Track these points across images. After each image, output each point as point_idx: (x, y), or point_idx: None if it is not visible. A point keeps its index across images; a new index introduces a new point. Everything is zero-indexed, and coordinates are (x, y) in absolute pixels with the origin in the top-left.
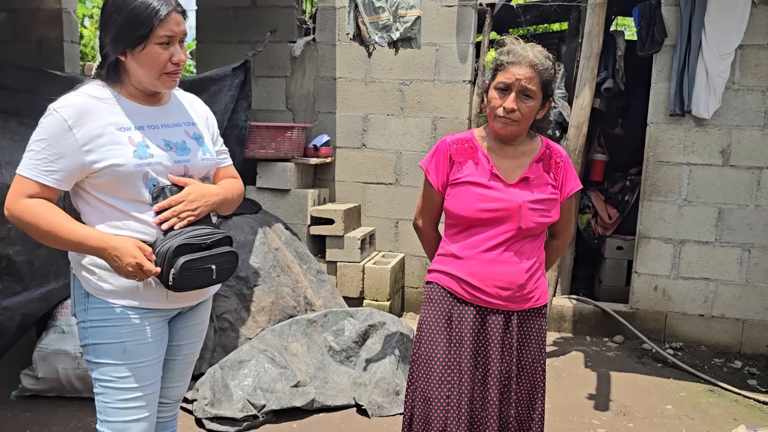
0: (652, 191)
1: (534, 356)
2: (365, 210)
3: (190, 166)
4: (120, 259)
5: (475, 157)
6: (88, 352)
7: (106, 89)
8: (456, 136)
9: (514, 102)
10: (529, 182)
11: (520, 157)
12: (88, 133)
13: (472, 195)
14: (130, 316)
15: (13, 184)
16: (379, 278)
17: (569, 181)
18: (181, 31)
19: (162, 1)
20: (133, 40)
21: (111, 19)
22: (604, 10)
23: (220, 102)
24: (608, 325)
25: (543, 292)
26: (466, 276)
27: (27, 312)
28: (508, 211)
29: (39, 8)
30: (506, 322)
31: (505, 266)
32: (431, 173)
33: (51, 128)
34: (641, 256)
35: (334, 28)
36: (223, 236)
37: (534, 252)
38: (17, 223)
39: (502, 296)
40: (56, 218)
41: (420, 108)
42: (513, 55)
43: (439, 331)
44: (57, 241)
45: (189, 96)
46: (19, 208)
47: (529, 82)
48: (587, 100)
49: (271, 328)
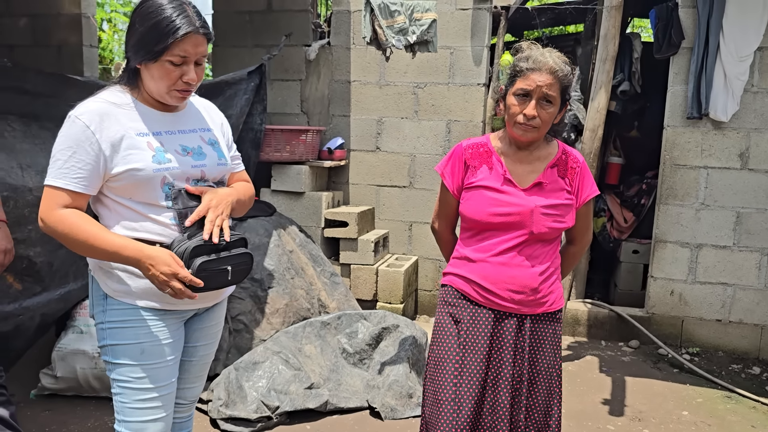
0: (669, 195)
1: (549, 361)
2: (379, 213)
3: (207, 170)
4: (154, 267)
5: (490, 162)
6: (106, 352)
7: (125, 95)
8: (471, 141)
9: (534, 109)
10: (543, 187)
11: (535, 162)
12: (109, 138)
13: (485, 199)
14: (148, 318)
15: (45, 196)
16: (392, 281)
17: (586, 187)
18: (198, 52)
19: (185, 20)
20: (149, 54)
21: (134, 27)
22: (620, 12)
23: (235, 105)
24: (624, 330)
25: (558, 296)
26: (479, 279)
27: (46, 312)
28: (520, 216)
29: (59, 13)
30: (519, 325)
31: (518, 270)
32: (447, 177)
33: (75, 136)
34: (657, 260)
35: (349, 31)
36: (239, 238)
37: (548, 256)
38: (53, 234)
39: (515, 299)
40: (92, 228)
41: (434, 111)
42: (533, 62)
43: (452, 334)
44: (93, 250)
45: (204, 102)
46: (54, 220)
47: (549, 89)
48: (603, 103)
49: (284, 330)
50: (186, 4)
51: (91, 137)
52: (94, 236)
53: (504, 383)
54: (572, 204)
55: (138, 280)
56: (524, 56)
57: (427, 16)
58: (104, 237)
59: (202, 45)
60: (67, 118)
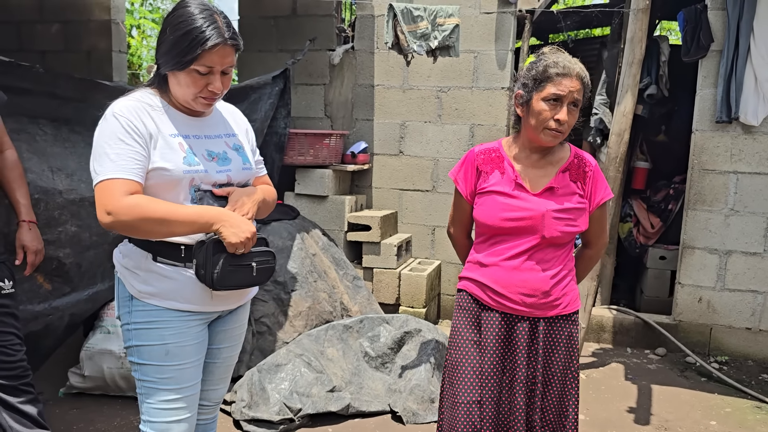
0: (697, 200)
1: (563, 364)
2: (402, 217)
3: (232, 175)
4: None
5: (501, 167)
6: (132, 353)
7: (156, 97)
8: (484, 146)
9: (566, 113)
10: (554, 192)
11: (547, 166)
12: (147, 133)
13: (496, 204)
14: (173, 319)
15: (104, 190)
16: (415, 285)
17: (599, 191)
18: (225, 63)
19: (215, 31)
20: (177, 64)
21: (165, 34)
22: (647, 15)
23: (260, 110)
24: (650, 337)
25: (572, 299)
26: (491, 283)
27: (75, 312)
28: (532, 220)
29: (89, 19)
30: (532, 329)
31: (529, 274)
32: (460, 183)
33: (120, 129)
34: (685, 267)
35: (373, 36)
36: (260, 237)
37: (560, 260)
38: (125, 226)
39: (527, 303)
40: (163, 205)
41: (458, 115)
42: (563, 67)
43: (467, 338)
44: (172, 225)
45: (230, 107)
46: (125, 207)
47: (578, 94)
48: (629, 107)
49: (307, 333)
50: (217, 14)
51: (135, 130)
52: (169, 212)
53: (519, 386)
54: (585, 208)
55: (163, 281)
56: (553, 61)
57: (450, 21)
58: (178, 210)
59: (229, 56)
60: (103, 117)
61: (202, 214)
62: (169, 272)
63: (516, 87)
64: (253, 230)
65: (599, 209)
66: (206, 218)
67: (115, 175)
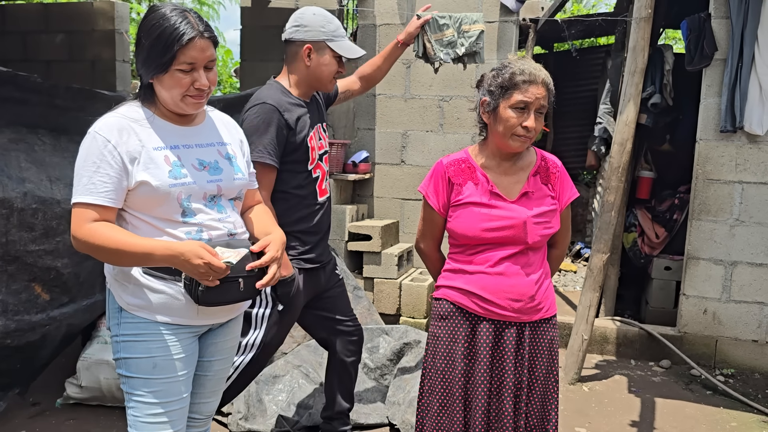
0: (702, 210)
1: (546, 368)
2: (403, 226)
3: (223, 185)
4: (189, 262)
5: (474, 177)
6: (120, 366)
7: (142, 110)
8: (452, 158)
9: (533, 120)
10: (530, 196)
11: (518, 172)
12: (128, 151)
13: (474, 216)
14: (161, 332)
15: (74, 214)
16: (416, 295)
17: (566, 190)
18: (205, 57)
19: (188, 26)
20: (159, 67)
21: (141, 43)
22: (649, 24)
23: None
24: (654, 349)
25: (551, 302)
26: (478, 290)
27: (73, 323)
28: (514, 229)
29: (93, 29)
30: (519, 334)
31: (515, 278)
32: (431, 197)
33: (97, 150)
34: (690, 278)
35: (375, 45)
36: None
37: (539, 263)
38: (86, 250)
39: (514, 308)
40: (122, 236)
41: (459, 124)
42: (529, 75)
43: (453, 348)
44: (126, 257)
45: (224, 117)
46: (85, 234)
47: (544, 100)
48: (631, 116)
49: (306, 344)
50: (187, 11)
51: (112, 151)
52: (124, 243)
53: (507, 391)
54: (557, 209)
55: (152, 294)
56: (519, 69)
57: (475, 28)
58: (134, 242)
59: (208, 49)
60: (87, 134)
61: (156, 249)
62: (158, 285)
63: (481, 94)
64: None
65: (566, 209)
66: (160, 253)
67: (84, 199)
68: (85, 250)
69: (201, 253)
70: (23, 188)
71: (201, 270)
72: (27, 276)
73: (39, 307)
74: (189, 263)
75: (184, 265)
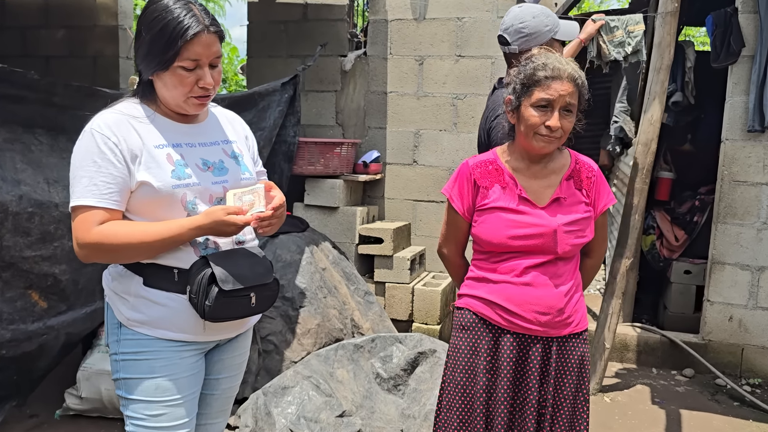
0: (727, 213)
1: (575, 386)
2: (415, 229)
3: (229, 186)
4: (223, 233)
5: (502, 180)
6: (120, 386)
7: (142, 107)
8: (478, 159)
9: (558, 119)
10: (561, 202)
11: (550, 176)
12: (129, 149)
13: (501, 221)
14: (164, 349)
15: (76, 220)
16: (429, 301)
17: (602, 196)
18: (211, 53)
19: (193, 20)
20: (160, 63)
21: (141, 36)
22: (675, 19)
23: (268, 118)
24: (677, 357)
25: (582, 316)
26: (502, 301)
27: (72, 331)
28: (543, 237)
29: (95, 25)
30: (545, 349)
31: (543, 290)
32: (455, 200)
33: (97, 148)
34: (714, 284)
35: (386, 41)
36: (265, 259)
37: (570, 274)
38: (99, 256)
39: (541, 321)
40: (140, 228)
41: (474, 123)
42: (552, 69)
43: (475, 361)
44: (151, 247)
45: (228, 113)
46: (95, 239)
47: (571, 97)
48: (657, 115)
49: (316, 353)
50: (192, 3)
51: (114, 148)
52: (145, 233)
53: (530, 409)
54: (591, 216)
55: (154, 308)
56: (541, 63)
57: (638, 28)
58: (155, 230)
59: (214, 45)
60: (83, 132)
61: (182, 230)
62: (161, 298)
63: (506, 92)
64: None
65: (602, 216)
66: (187, 234)
67: (86, 202)
68: (100, 257)
69: (229, 220)
70: (18, 191)
71: (236, 233)
72: (23, 283)
73: (36, 316)
74: (221, 233)
75: (216, 234)
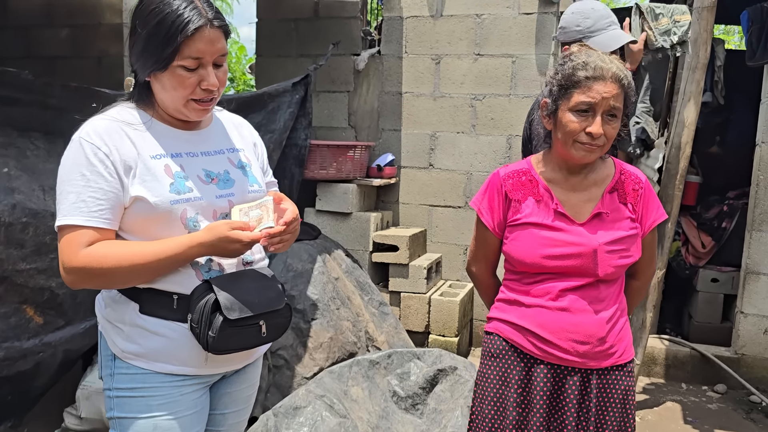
0: (763, 220)
1: (618, 424)
2: (431, 235)
3: (235, 200)
4: (226, 250)
5: (536, 192)
6: (114, 426)
7: (138, 112)
8: (510, 168)
9: (601, 125)
10: (603, 218)
11: (591, 188)
12: (122, 160)
13: (534, 239)
14: (162, 385)
15: (62, 241)
16: (446, 312)
17: (651, 211)
18: (215, 50)
19: (195, 12)
20: (157, 63)
21: (135, 32)
22: (713, 14)
23: (278, 120)
24: (707, 372)
25: (627, 345)
26: (535, 327)
27: (70, 348)
28: (581, 257)
29: (100, 23)
30: (583, 382)
31: (581, 316)
32: (484, 214)
33: (86, 160)
34: (748, 295)
35: (401, 39)
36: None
37: (614, 298)
38: (88, 280)
39: (579, 351)
40: (131, 248)
41: (493, 125)
42: (594, 69)
43: (505, 393)
44: (147, 270)
45: (235, 118)
46: (82, 261)
47: (615, 100)
48: (692, 117)
49: (329, 370)
50: None
51: (104, 159)
52: (141, 255)
53: None
54: (638, 233)
55: (151, 338)
56: (582, 62)
57: (685, 18)
58: (153, 251)
59: (218, 41)
60: (71, 141)
61: (181, 249)
62: (159, 327)
63: (542, 94)
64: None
65: (651, 233)
66: (187, 253)
67: (73, 221)
68: (89, 282)
69: (234, 236)
70: (12, 200)
71: (243, 252)
72: (17, 298)
73: (31, 332)
74: (225, 251)
75: (219, 253)
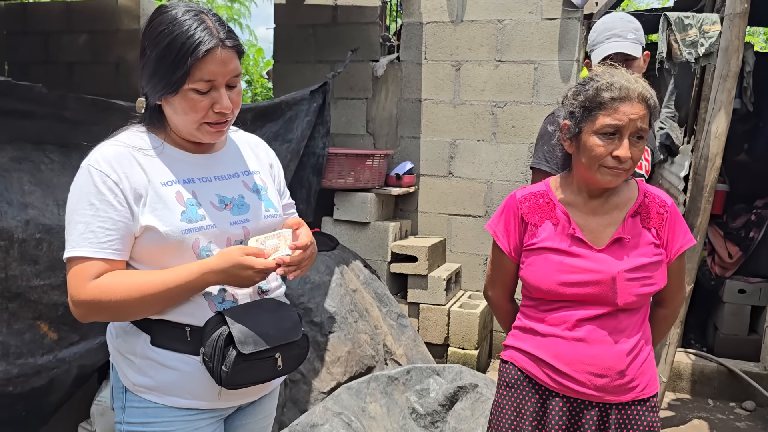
0: None
1: None
2: (450, 245)
3: (251, 227)
4: (238, 277)
5: (554, 216)
6: None
7: (149, 137)
8: (528, 190)
9: (628, 148)
10: (624, 244)
11: (612, 212)
12: (132, 188)
13: (550, 264)
14: (175, 419)
15: (70, 273)
16: (466, 324)
17: (677, 236)
18: (227, 72)
19: (206, 33)
20: (167, 86)
21: (145, 54)
22: (745, 21)
23: (296, 129)
24: (735, 387)
25: (651, 379)
26: (550, 358)
27: (85, 363)
28: (600, 286)
29: (118, 29)
30: (602, 417)
31: (599, 347)
32: (500, 237)
33: (94, 188)
34: None
35: (421, 45)
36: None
37: (636, 328)
38: (96, 313)
39: (597, 385)
40: (140, 278)
41: (515, 133)
42: (619, 89)
43: (520, 425)
44: (157, 300)
45: (251, 138)
46: (90, 294)
47: (642, 121)
48: (722, 127)
49: (347, 386)
50: (204, 12)
51: (114, 188)
52: (148, 285)
53: None
54: (662, 260)
55: (164, 371)
56: (606, 83)
57: (715, 29)
58: (160, 280)
59: (231, 62)
60: (80, 169)
61: (191, 277)
62: (171, 360)
63: (562, 115)
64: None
65: (678, 260)
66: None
67: (82, 252)
68: (99, 315)
69: (247, 263)
70: (25, 215)
71: (256, 280)
72: (31, 314)
73: (45, 348)
74: (238, 278)
75: (232, 282)
